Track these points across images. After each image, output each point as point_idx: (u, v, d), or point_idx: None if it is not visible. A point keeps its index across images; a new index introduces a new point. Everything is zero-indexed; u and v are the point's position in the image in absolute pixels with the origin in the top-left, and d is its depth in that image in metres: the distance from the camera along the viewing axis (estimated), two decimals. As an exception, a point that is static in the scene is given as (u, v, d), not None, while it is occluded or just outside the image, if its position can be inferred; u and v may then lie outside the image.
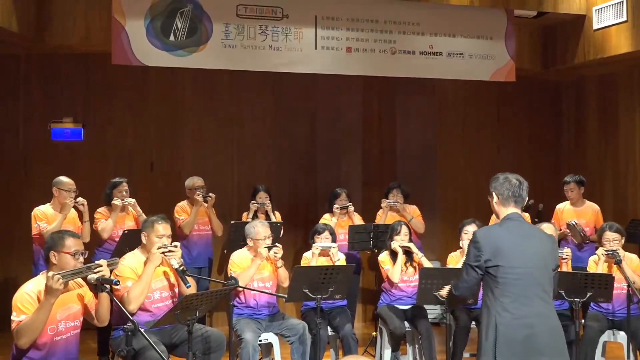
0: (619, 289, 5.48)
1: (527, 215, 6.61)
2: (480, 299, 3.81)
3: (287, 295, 5.08)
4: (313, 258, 5.76)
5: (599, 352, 5.62)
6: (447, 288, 4.29)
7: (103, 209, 6.40)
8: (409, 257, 6.01)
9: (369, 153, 8.57)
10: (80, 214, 6.19)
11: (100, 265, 4.02)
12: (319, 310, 5.04)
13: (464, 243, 5.81)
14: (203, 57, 6.78)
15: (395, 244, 5.95)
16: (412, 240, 6.10)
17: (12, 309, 3.85)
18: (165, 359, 4.12)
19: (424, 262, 5.97)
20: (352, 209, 7.04)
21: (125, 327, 3.79)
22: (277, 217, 7.06)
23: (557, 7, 7.67)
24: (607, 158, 8.59)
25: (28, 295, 3.85)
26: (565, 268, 5.73)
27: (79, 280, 4.17)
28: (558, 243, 6.13)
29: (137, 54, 6.55)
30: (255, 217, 6.94)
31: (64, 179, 6.07)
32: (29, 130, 7.71)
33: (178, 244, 4.72)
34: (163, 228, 4.69)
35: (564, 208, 7.19)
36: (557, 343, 3.61)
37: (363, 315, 8.17)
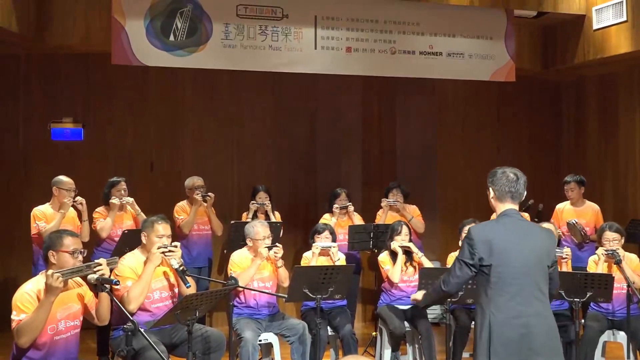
0: (619, 289, 5.47)
1: (527, 215, 6.61)
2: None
3: (287, 295, 5.07)
4: (313, 258, 5.76)
5: (599, 352, 5.61)
6: (421, 293, 4.22)
7: (101, 209, 6.40)
8: (409, 257, 6.01)
9: (369, 153, 8.57)
10: (79, 213, 6.20)
11: (100, 264, 4.01)
12: (319, 310, 5.04)
13: (464, 243, 5.80)
14: (203, 57, 6.78)
15: (395, 244, 5.95)
16: (412, 240, 6.10)
17: (12, 309, 3.85)
18: (165, 359, 4.12)
19: (424, 262, 5.97)
20: (352, 209, 7.04)
21: (125, 327, 3.79)
22: (277, 217, 7.06)
23: (557, 7, 7.66)
24: (607, 158, 8.59)
25: (28, 295, 3.85)
26: (565, 268, 5.72)
27: (79, 280, 4.17)
28: (558, 243, 6.13)
29: (137, 54, 6.55)
30: (255, 217, 6.94)
31: (64, 178, 6.08)
32: (29, 130, 7.71)
33: (178, 244, 4.73)
34: (163, 228, 4.70)
35: (564, 208, 7.18)
36: (553, 343, 3.56)
37: (363, 315, 8.17)
